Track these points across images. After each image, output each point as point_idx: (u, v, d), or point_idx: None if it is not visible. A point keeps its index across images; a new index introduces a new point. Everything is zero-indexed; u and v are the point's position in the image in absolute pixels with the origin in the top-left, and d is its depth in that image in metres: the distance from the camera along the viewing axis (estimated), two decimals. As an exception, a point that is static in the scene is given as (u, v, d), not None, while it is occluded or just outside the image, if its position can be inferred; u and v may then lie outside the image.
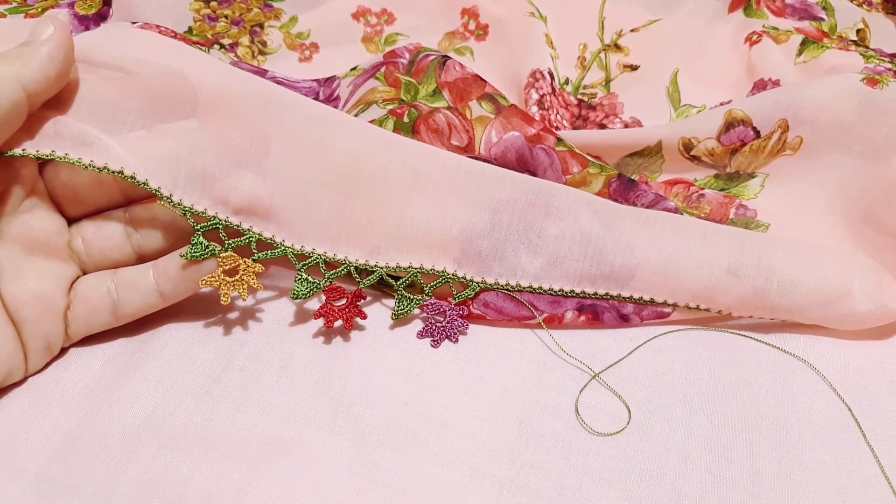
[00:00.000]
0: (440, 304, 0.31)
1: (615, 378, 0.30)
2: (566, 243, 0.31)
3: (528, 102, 0.42)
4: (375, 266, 0.31)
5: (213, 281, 0.29)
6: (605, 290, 0.31)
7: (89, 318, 0.29)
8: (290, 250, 0.30)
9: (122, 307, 0.29)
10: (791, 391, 0.30)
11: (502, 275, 0.31)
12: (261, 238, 0.30)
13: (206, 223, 0.29)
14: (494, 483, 0.27)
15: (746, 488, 0.27)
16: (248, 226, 0.29)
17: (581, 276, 0.31)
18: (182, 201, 0.28)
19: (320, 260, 0.30)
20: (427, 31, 0.50)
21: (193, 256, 0.28)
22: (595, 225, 0.31)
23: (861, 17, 0.49)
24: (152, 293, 0.29)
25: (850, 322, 0.31)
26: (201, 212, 0.29)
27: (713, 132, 0.38)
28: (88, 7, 0.48)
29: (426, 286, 0.31)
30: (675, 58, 0.47)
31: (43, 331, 0.28)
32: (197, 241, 0.28)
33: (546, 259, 0.31)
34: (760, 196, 0.38)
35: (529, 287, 0.31)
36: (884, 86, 0.35)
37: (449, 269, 0.31)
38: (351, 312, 0.31)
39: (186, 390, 0.29)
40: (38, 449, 0.26)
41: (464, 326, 0.31)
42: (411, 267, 0.31)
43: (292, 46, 0.49)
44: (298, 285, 0.30)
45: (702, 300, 0.31)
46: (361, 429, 0.28)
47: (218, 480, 0.26)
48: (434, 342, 0.31)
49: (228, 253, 0.29)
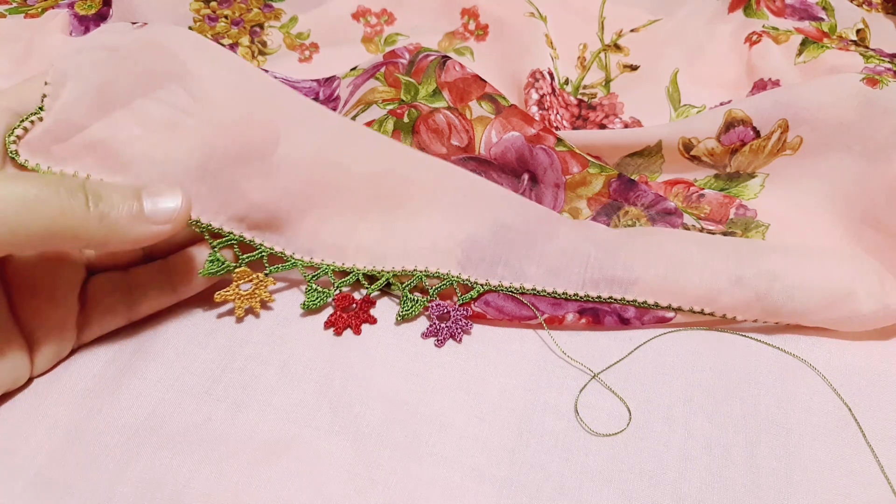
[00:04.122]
0: (445, 306, 0.31)
1: (615, 378, 0.30)
2: (566, 257, 0.32)
3: (528, 102, 0.42)
4: (382, 271, 0.32)
5: (229, 295, 0.30)
6: (609, 294, 0.32)
7: (103, 320, 0.29)
8: (301, 262, 0.31)
9: (136, 307, 0.30)
10: (791, 391, 0.30)
11: (506, 277, 0.32)
12: (272, 252, 0.31)
13: (223, 240, 0.30)
14: (494, 483, 0.27)
15: (746, 488, 0.27)
16: (261, 241, 0.30)
17: (584, 281, 0.32)
18: (200, 219, 0.29)
19: (329, 270, 0.31)
20: (427, 32, 0.50)
21: (211, 273, 0.29)
22: (595, 250, 0.32)
23: (861, 17, 0.49)
24: (166, 291, 0.30)
25: (854, 323, 0.31)
26: (217, 229, 0.29)
27: (713, 132, 0.38)
28: (88, 7, 0.48)
29: (431, 288, 0.32)
30: (675, 58, 0.47)
31: (54, 338, 0.28)
32: (214, 257, 0.29)
33: (548, 269, 0.32)
34: (760, 196, 0.38)
35: (533, 290, 0.32)
36: (884, 86, 0.35)
37: (454, 272, 0.32)
38: (360, 319, 0.31)
39: (186, 390, 0.29)
40: (38, 449, 0.26)
41: (468, 326, 0.31)
42: (416, 270, 0.32)
43: (292, 46, 0.49)
44: (309, 296, 0.31)
45: (704, 304, 0.31)
46: (361, 429, 0.28)
47: (218, 480, 0.26)
48: (438, 342, 0.31)
49: (243, 268, 0.30)
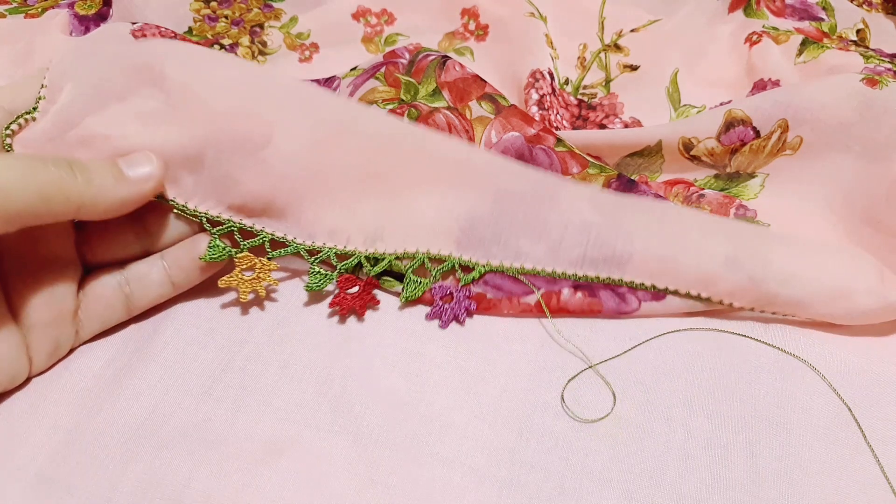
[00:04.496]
0: (448, 287, 0.32)
1: (615, 378, 0.30)
2: (568, 232, 0.32)
3: (528, 102, 0.42)
4: (384, 254, 0.32)
5: (232, 281, 0.30)
6: (607, 275, 0.32)
7: (104, 316, 0.29)
8: (303, 247, 0.31)
9: (136, 301, 0.30)
10: (791, 391, 0.30)
11: (506, 258, 0.32)
12: (273, 237, 0.31)
13: (222, 227, 0.30)
14: (494, 483, 0.27)
15: (746, 488, 0.27)
16: (261, 227, 0.31)
17: (582, 260, 0.32)
18: (197, 208, 0.29)
19: (331, 253, 0.31)
20: (427, 32, 0.50)
21: (212, 259, 0.30)
22: (596, 216, 0.32)
23: (861, 18, 0.49)
24: (164, 284, 0.30)
25: (851, 318, 0.31)
26: (216, 216, 0.30)
27: (713, 132, 0.38)
28: (88, 7, 0.48)
29: (433, 270, 0.32)
30: (675, 58, 0.47)
31: (52, 334, 0.28)
32: (214, 244, 0.30)
33: (548, 245, 0.32)
34: (760, 196, 0.38)
35: (532, 270, 0.32)
36: (884, 86, 0.35)
37: (455, 253, 0.32)
38: (364, 300, 0.32)
39: (186, 390, 0.29)
40: (38, 449, 0.26)
41: (471, 307, 0.32)
42: (418, 252, 0.32)
43: (292, 47, 0.49)
44: (312, 278, 0.31)
45: (701, 287, 0.31)
46: (361, 429, 0.28)
47: (218, 480, 0.26)
48: (442, 323, 0.32)
49: (245, 253, 0.30)
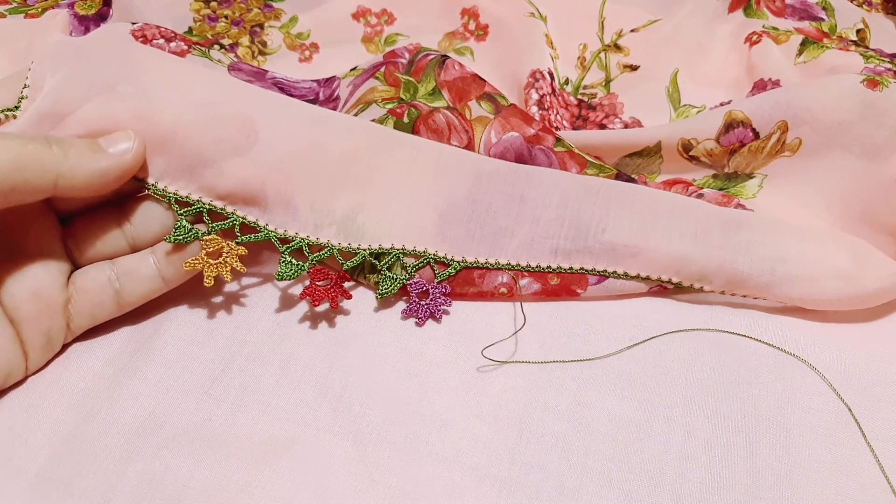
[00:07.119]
0: (423, 283, 0.32)
1: (615, 377, 0.30)
2: (541, 224, 0.32)
3: (528, 102, 0.42)
4: (358, 248, 0.32)
5: (197, 263, 0.29)
6: (580, 265, 0.32)
7: (94, 310, 0.29)
8: (274, 234, 0.31)
9: (126, 295, 0.29)
10: (791, 391, 0.30)
11: (482, 253, 0.32)
12: (244, 222, 0.31)
13: (190, 208, 0.29)
14: (494, 483, 0.27)
15: (746, 488, 0.27)
16: (232, 209, 0.30)
17: (556, 252, 0.32)
18: (167, 188, 0.29)
19: (304, 243, 0.31)
20: (427, 32, 0.50)
21: (177, 240, 0.29)
22: (567, 209, 0.33)
23: (861, 18, 0.49)
24: (154, 279, 0.30)
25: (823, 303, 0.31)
26: (185, 197, 0.29)
27: (712, 133, 0.38)
28: (88, 7, 0.48)
29: (409, 266, 0.32)
30: (675, 58, 0.47)
31: (43, 328, 0.28)
32: (180, 224, 0.29)
33: (522, 239, 0.32)
34: (759, 196, 0.38)
35: (508, 264, 0.32)
36: (884, 87, 0.35)
37: (430, 250, 0.32)
38: (335, 292, 0.31)
39: (186, 390, 0.29)
40: (38, 449, 0.26)
41: (447, 304, 0.32)
42: (394, 248, 0.32)
43: (292, 46, 0.49)
44: (283, 267, 0.31)
45: (672, 272, 0.32)
46: (361, 429, 0.28)
47: (218, 480, 0.26)
48: (419, 321, 0.32)
49: (211, 236, 0.30)
